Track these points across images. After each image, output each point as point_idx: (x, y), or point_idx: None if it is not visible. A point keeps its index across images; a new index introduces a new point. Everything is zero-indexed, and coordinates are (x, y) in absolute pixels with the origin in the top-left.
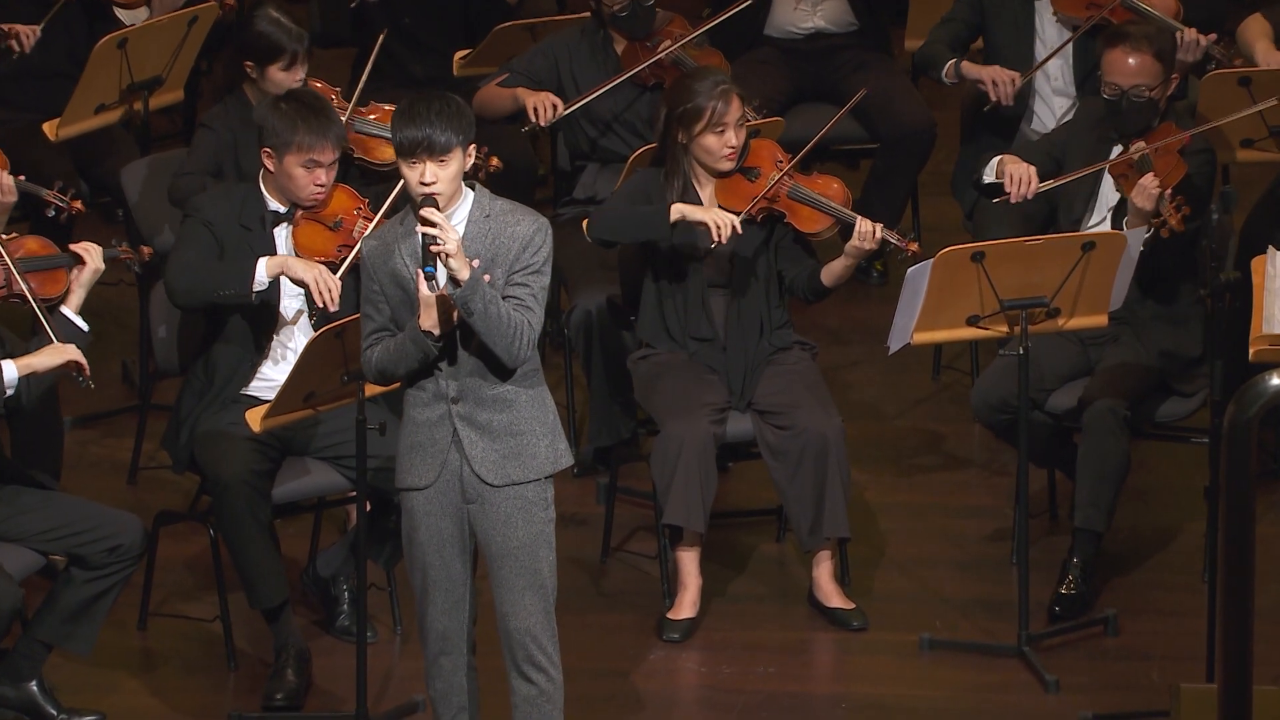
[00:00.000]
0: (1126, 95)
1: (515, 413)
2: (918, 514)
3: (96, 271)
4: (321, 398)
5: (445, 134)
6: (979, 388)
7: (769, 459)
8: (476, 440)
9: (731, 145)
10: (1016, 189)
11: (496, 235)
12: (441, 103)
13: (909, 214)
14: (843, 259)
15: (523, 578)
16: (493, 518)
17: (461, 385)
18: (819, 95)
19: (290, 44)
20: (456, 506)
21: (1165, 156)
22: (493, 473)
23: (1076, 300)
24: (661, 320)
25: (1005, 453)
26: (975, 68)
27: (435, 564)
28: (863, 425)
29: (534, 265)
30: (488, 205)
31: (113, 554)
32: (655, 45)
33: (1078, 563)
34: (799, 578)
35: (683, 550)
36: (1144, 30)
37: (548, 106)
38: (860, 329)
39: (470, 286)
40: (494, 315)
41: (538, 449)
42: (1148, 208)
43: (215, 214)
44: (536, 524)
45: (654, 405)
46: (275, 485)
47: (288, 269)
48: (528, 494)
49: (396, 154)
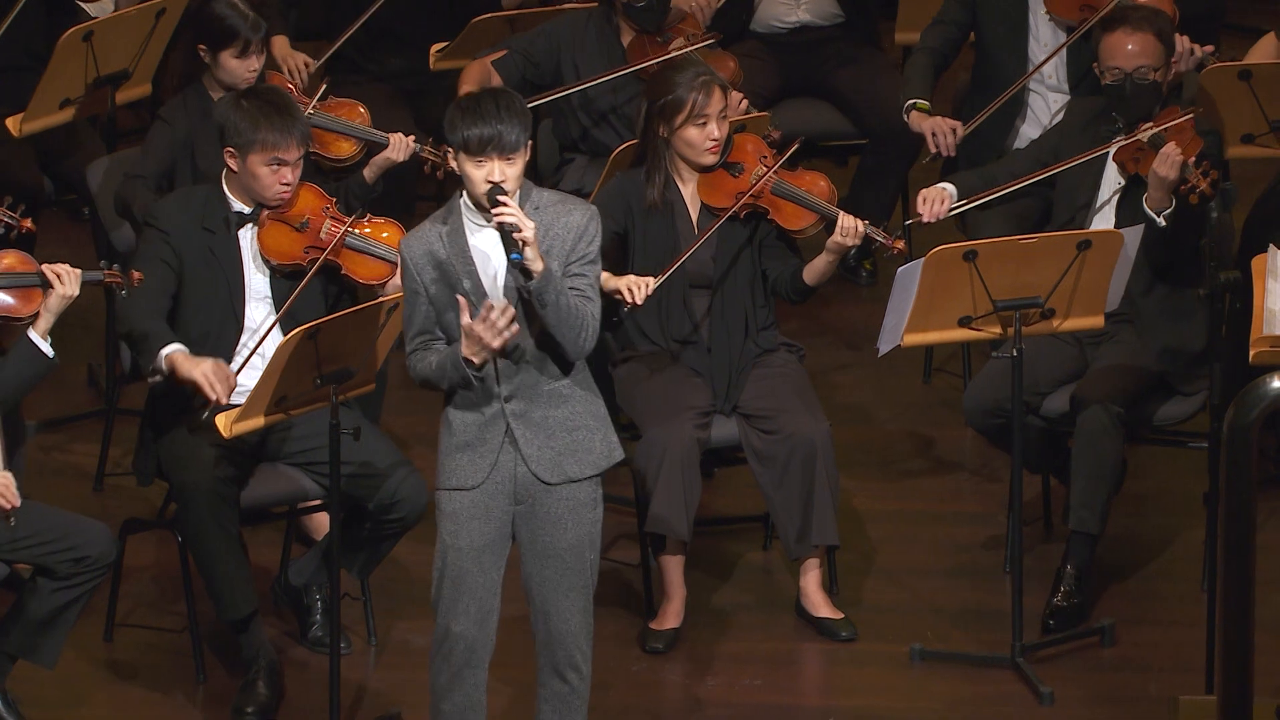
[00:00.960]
0: (1131, 78)
1: (571, 408)
2: (908, 521)
3: (66, 299)
4: (294, 402)
5: (515, 131)
6: (971, 391)
7: (755, 464)
8: (532, 438)
9: (714, 138)
10: (929, 209)
11: (549, 227)
12: (507, 98)
13: (899, 211)
14: (825, 255)
15: (568, 578)
16: (542, 518)
17: (516, 383)
18: (805, 90)
19: (245, 30)
20: (503, 510)
21: (1178, 132)
22: (550, 470)
23: (1072, 301)
24: (645, 321)
25: (998, 458)
26: (919, 118)
27: (473, 571)
28: (851, 430)
29: (590, 255)
30: (536, 199)
31: (80, 564)
32: (667, 41)
33: (1073, 571)
34: (786, 587)
35: (666, 559)
36: (1141, 12)
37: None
38: (849, 330)
39: (545, 277)
40: (565, 307)
41: (593, 444)
42: (1172, 176)
43: (175, 222)
44: (585, 524)
45: (636, 409)
46: (245, 492)
47: (176, 367)
48: (580, 494)
49: (461, 150)
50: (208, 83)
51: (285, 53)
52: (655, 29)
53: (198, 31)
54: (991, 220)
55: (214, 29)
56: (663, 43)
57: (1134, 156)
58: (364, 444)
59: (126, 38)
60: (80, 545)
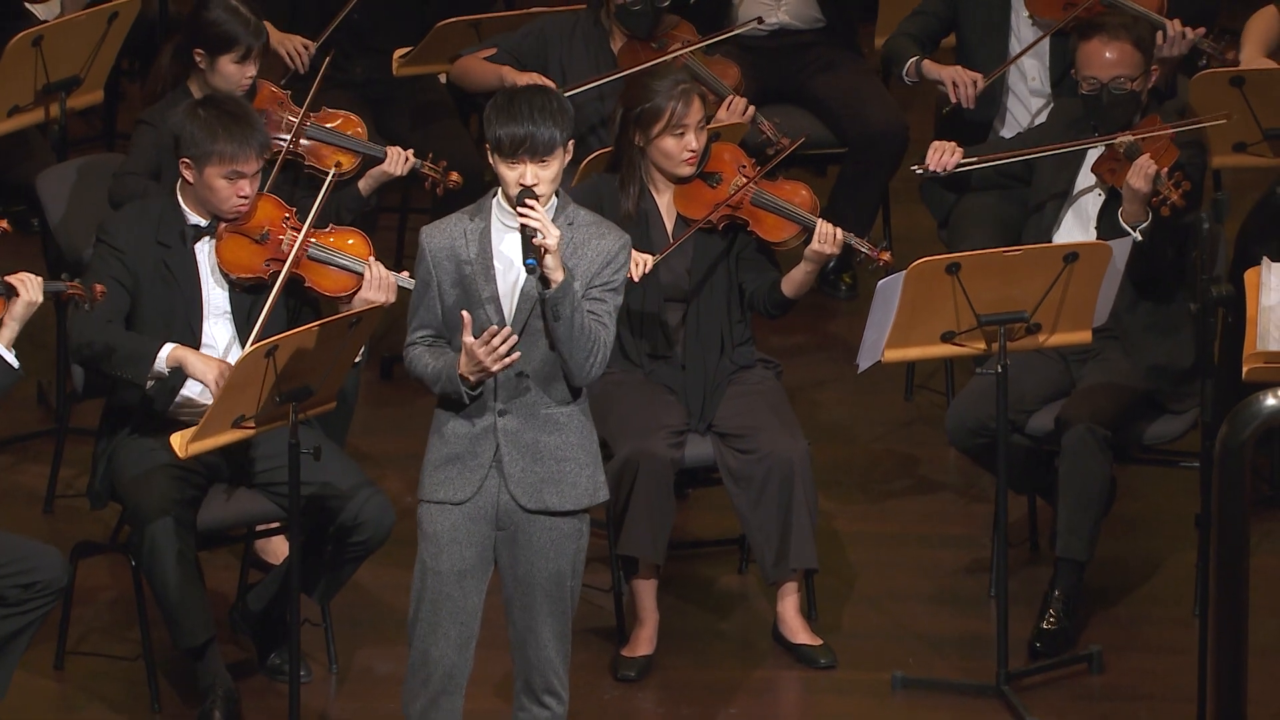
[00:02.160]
0: (1107, 88)
1: (564, 437)
2: (889, 544)
3: (31, 305)
4: (251, 421)
5: (549, 132)
6: (955, 409)
7: (730, 485)
8: (517, 459)
9: (692, 149)
10: (937, 158)
11: (579, 246)
12: (544, 98)
13: (880, 223)
14: (803, 265)
15: (546, 606)
16: (523, 546)
17: (515, 398)
18: (783, 96)
19: (246, 36)
20: (485, 535)
21: (1154, 142)
22: (529, 496)
23: (1058, 315)
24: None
25: (983, 478)
26: (936, 67)
27: (454, 595)
28: (830, 449)
29: (614, 283)
30: (572, 214)
31: (30, 590)
32: (661, 48)
33: (1060, 595)
34: (763, 612)
35: (639, 582)
36: (1120, 19)
37: None
38: (828, 346)
39: (563, 289)
40: (579, 325)
41: (579, 479)
42: (1145, 189)
43: (129, 237)
44: (567, 555)
45: (608, 428)
46: (203, 512)
47: (186, 366)
48: (564, 527)
49: (494, 151)
50: (193, 86)
51: (279, 37)
52: (647, 35)
53: (195, 36)
54: (975, 232)
55: (213, 34)
56: (657, 49)
57: (1110, 168)
58: (325, 464)
59: (78, 42)
60: (30, 570)
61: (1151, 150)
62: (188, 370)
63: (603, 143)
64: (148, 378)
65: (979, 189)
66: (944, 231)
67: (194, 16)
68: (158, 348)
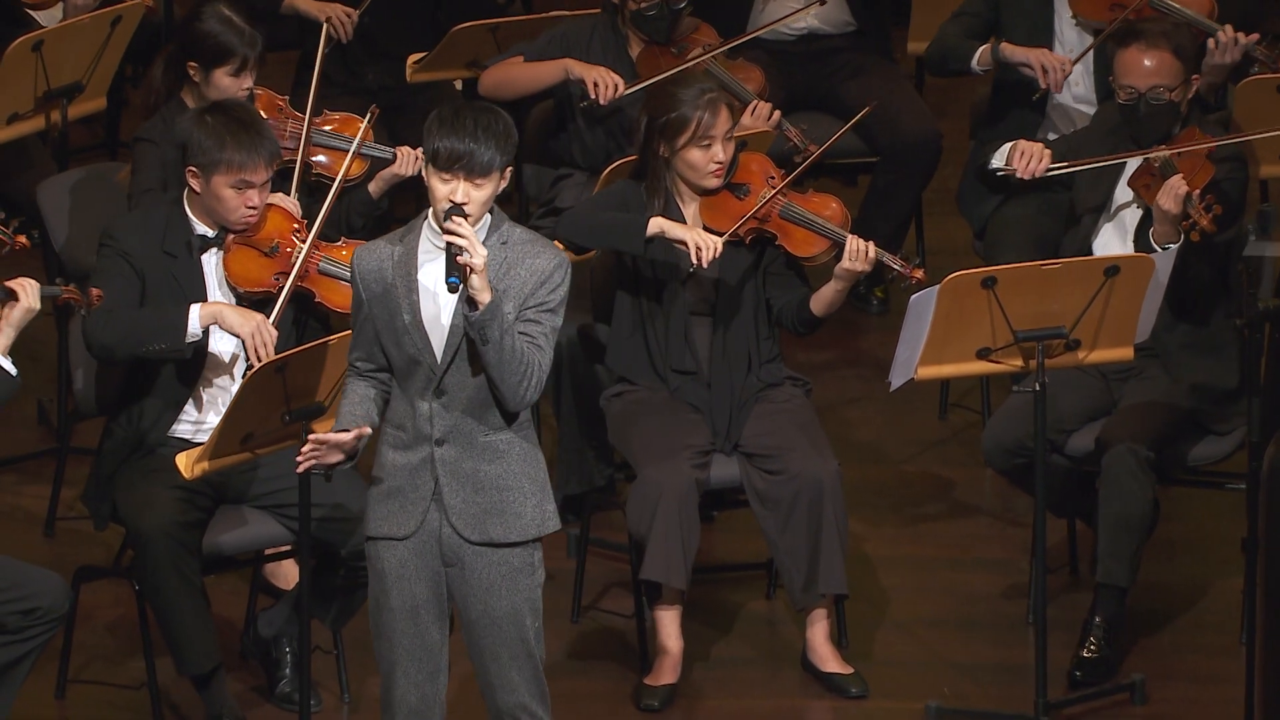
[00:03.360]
0: (1144, 98)
1: (505, 465)
2: (923, 568)
3: (30, 311)
4: (260, 440)
5: (489, 153)
6: (991, 428)
7: (757, 507)
8: (457, 490)
9: (719, 161)
10: (1025, 164)
11: (513, 265)
12: (490, 117)
13: (912, 235)
14: (833, 283)
15: (508, 649)
16: (473, 584)
17: (450, 427)
18: (812, 103)
19: (241, 47)
20: (434, 570)
21: (1191, 159)
22: (471, 528)
23: (1099, 331)
24: (640, 351)
25: (1020, 500)
26: (1020, 49)
27: (409, 632)
28: (862, 469)
29: (549, 303)
30: (506, 232)
31: (30, 616)
32: (682, 53)
33: (1101, 622)
34: (791, 639)
35: (662, 609)
36: (1160, 26)
37: (609, 84)
38: (859, 363)
39: (490, 311)
40: (509, 348)
41: (524, 509)
42: (1174, 210)
43: (134, 243)
44: (522, 591)
45: (630, 448)
46: (209, 536)
47: (222, 320)
48: (513, 560)
49: (430, 160)
50: (188, 98)
51: (319, 6)
52: (666, 39)
53: (188, 48)
54: (1012, 245)
55: (207, 46)
56: (677, 54)
57: (1145, 183)
58: (336, 485)
59: (79, 48)
60: (30, 596)
61: (1186, 166)
62: (224, 324)
63: (620, 148)
64: (185, 342)
65: (1019, 196)
66: (980, 243)
67: (186, 27)
68: (185, 310)
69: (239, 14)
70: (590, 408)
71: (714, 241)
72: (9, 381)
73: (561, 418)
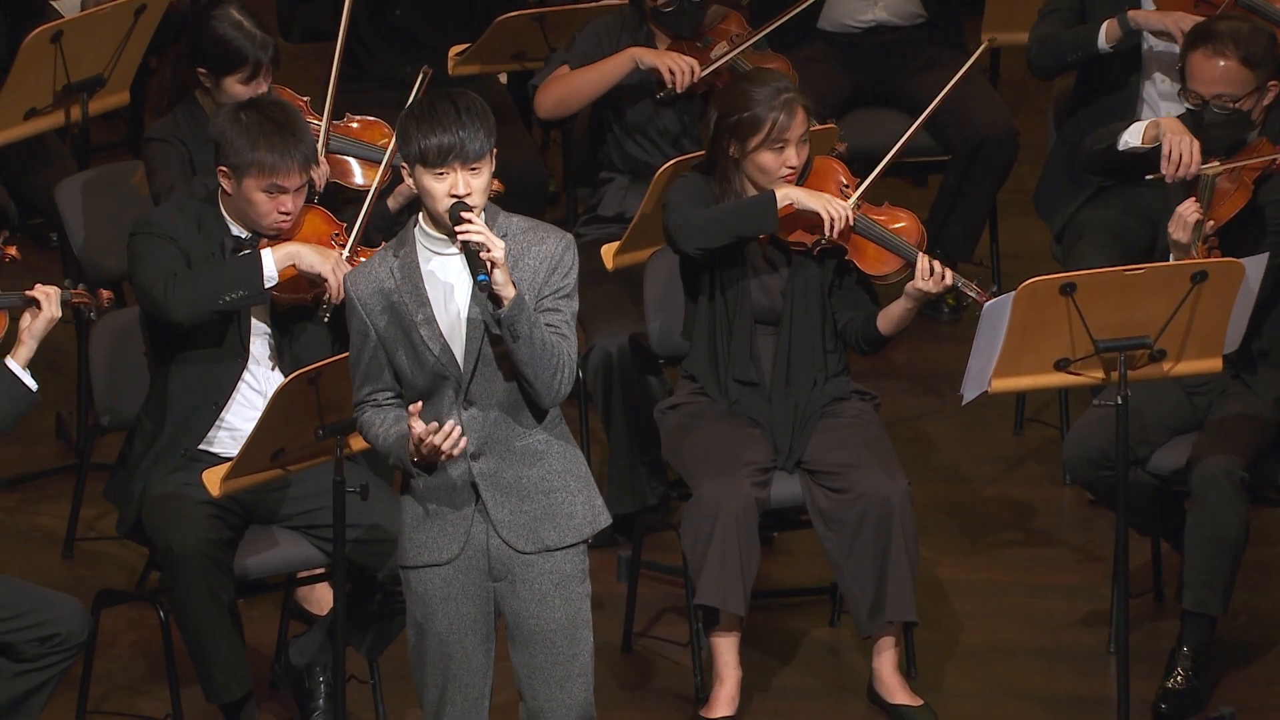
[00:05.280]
0: (1208, 106)
1: (547, 466)
2: (997, 594)
3: (52, 321)
4: (292, 456)
5: (478, 137)
6: (1074, 437)
7: (821, 528)
8: (503, 502)
9: (791, 165)
10: (1174, 168)
11: (519, 257)
12: (466, 100)
13: (986, 238)
14: (902, 301)
15: (561, 666)
16: (525, 597)
17: (484, 437)
18: (879, 99)
19: (254, 52)
20: (480, 586)
21: (1239, 175)
22: (523, 538)
23: (1185, 341)
24: (709, 357)
25: (1101, 521)
26: (1155, 15)
27: (457, 656)
28: (932, 488)
29: (565, 288)
30: (503, 224)
31: (47, 644)
32: (708, 46)
33: (1188, 652)
34: (857, 669)
35: (719, 636)
36: (1232, 28)
37: (685, 69)
38: (930, 375)
39: (517, 304)
40: (540, 341)
41: (574, 508)
42: (1183, 240)
43: (174, 229)
44: (575, 600)
45: (685, 464)
46: (238, 558)
47: (300, 259)
48: (565, 566)
49: (420, 163)
50: (202, 99)
51: None
52: (691, 34)
53: (197, 54)
54: (1093, 248)
55: (218, 53)
56: (703, 48)
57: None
58: (372, 504)
59: (101, 39)
60: (47, 622)
61: (1225, 185)
62: (302, 263)
63: (659, 150)
64: (265, 286)
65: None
66: (1059, 247)
67: (195, 32)
68: (257, 254)
69: (250, 16)
70: (642, 421)
71: (845, 210)
72: (28, 396)
73: (611, 431)
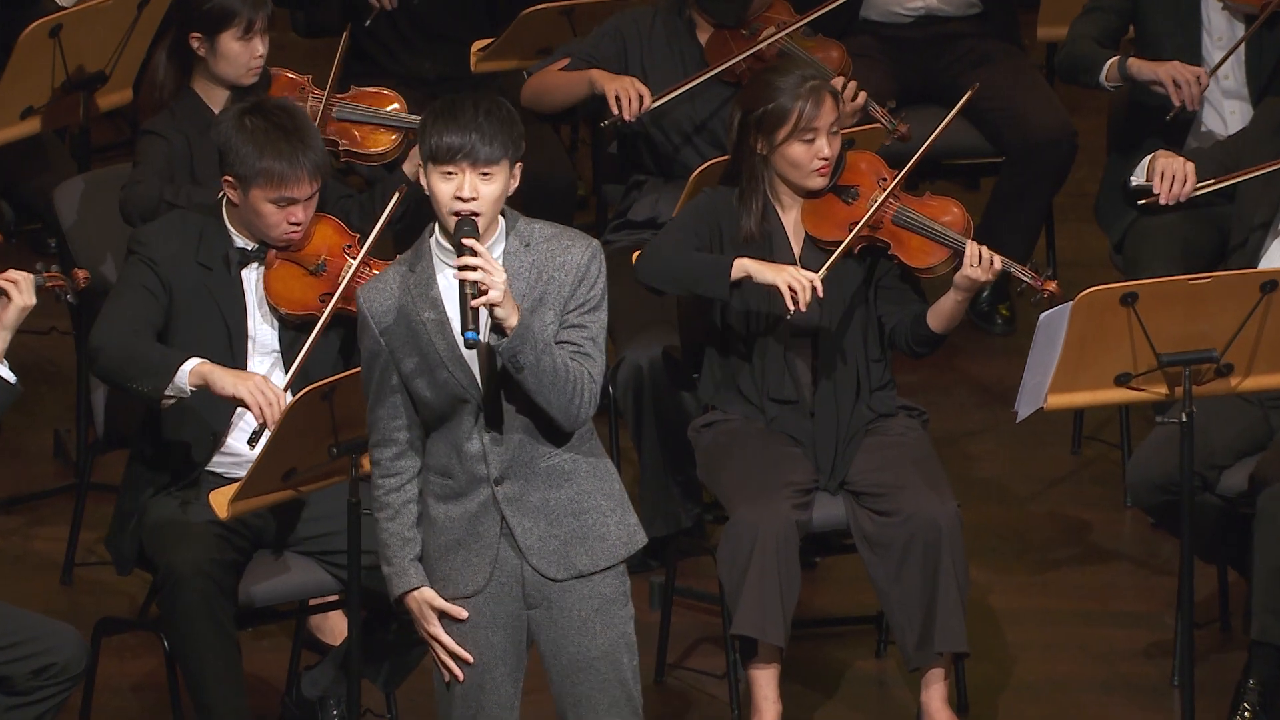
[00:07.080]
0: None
1: (576, 486)
2: (1054, 623)
3: (24, 309)
4: (304, 476)
5: (494, 142)
6: (1138, 460)
7: (866, 553)
8: (531, 528)
9: (824, 157)
10: (1168, 188)
11: (542, 268)
12: (490, 103)
13: (1042, 245)
14: (952, 294)
15: (607, 694)
16: (564, 624)
17: (508, 460)
18: (929, 95)
19: (244, 8)
20: (513, 614)
21: None
22: (554, 565)
23: (1254, 354)
24: (731, 377)
25: (1164, 545)
26: (1148, 65)
27: (485, 687)
28: (984, 511)
29: (591, 301)
30: (526, 231)
31: (42, 675)
32: (754, 34)
33: (1255, 685)
34: (904, 703)
35: (757, 668)
36: None
37: (633, 96)
38: (981, 390)
39: (519, 336)
40: (548, 368)
41: (607, 529)
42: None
43: (165, 251)
44: (617, 625)
45: (721, 486)
46: (246, 584)
47: (212, 383)
48: (605, 590)
49: (429, 160)
50: (200, 88)
51: None
52: (736, 21)
53: (188, 19)
54: (1156, 257)
55: (208, 12)
56: (748, 36)
57: None
58: None
59: (103, 33)
60: (43, 652)
61: None
62: (215, 388)
63: (696, 150)
64: (164, 394)
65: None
66: (1119, 256)
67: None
68: (181, 360)
69: None
70: (676, 440)
71: (809, 280)
72: (8, 389)
73: (644, 451)
